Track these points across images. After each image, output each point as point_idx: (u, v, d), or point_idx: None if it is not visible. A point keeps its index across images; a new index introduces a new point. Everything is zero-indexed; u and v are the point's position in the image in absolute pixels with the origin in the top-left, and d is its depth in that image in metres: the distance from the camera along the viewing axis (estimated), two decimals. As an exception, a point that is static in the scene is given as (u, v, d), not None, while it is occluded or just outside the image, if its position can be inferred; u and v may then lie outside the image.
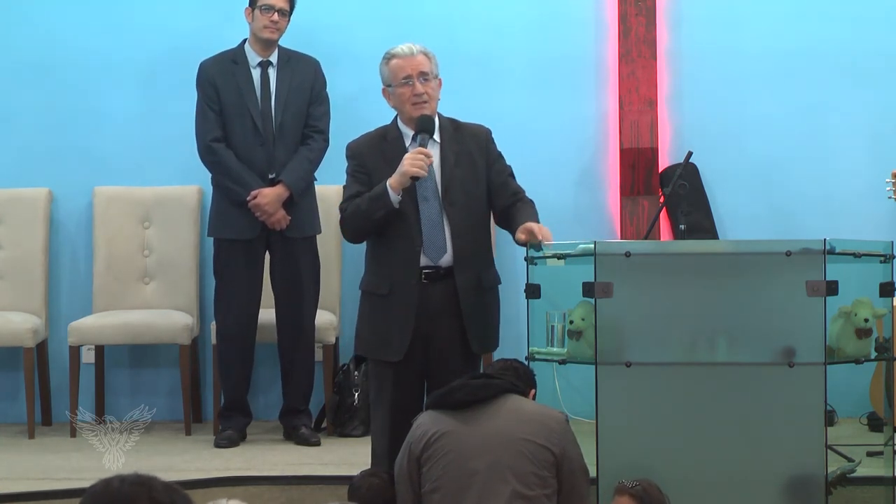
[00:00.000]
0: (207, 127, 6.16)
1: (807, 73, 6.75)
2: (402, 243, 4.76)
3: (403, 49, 4.84)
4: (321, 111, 6.24)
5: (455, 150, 4.84)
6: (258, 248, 6.18)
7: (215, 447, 6.08)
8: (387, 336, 4.78)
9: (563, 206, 6.66)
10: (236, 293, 6.16)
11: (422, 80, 4.80)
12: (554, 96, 6.77)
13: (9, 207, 6.68)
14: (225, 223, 6.18)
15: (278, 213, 6.10)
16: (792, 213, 6.72)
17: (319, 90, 6.26)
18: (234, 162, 6.13)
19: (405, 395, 4.78)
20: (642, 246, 5.33)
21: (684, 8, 6.77)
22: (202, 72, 6.22)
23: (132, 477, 2.48)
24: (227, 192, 6.15)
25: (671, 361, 4.68)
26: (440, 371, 4.75)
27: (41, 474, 5.64)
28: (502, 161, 4.96)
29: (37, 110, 6.79)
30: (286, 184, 6.09)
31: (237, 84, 6.17)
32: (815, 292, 4.62)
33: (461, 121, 4.96)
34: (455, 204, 4.79)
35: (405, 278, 4.75)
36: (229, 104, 6.16)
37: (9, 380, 6.74)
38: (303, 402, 6.27)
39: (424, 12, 6.76)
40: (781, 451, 4.64)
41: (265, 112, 6.16)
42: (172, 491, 2.48)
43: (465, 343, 4.79)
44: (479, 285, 4.85)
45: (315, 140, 6.17)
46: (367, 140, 4.90)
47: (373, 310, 4.84)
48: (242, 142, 6.15)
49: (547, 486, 4.13)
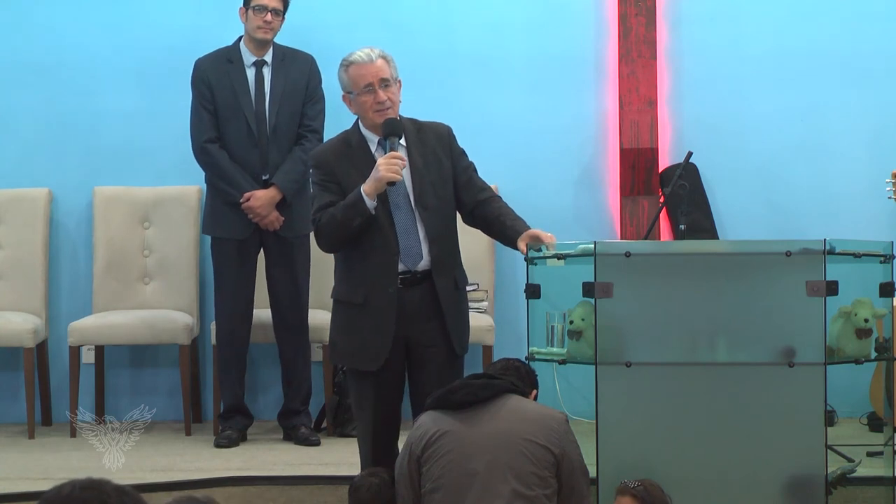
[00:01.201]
0: (202, 128, 6.17)
1: (807, 73, 6.75)
2: (377, 252, 4.65)
3: (362, 56, 4.71)
4: (316, 110, 6.24)
5: (421, 152, 4.74)
6: (251, 247, 6.19)
7: (215, 447, 6.08)
8: (364, 345, 4.68)
9: (563, 206, 6.67)
10: (231, 292, 6.17)
11: (383, 86, 4.69)
12: (554, 96, 6.77)
13: (9, 207, 6.68)
14: (218, 222, 6.20)
15: (271, 215, 6.11)
16: (792, 213, 6.72)
17: (314, 88, 6.26)
18: (227, 163, 6.13)
19: (386, 401, 4.72)
20: (642, 246, 5.33)
21: (684, 8, 6.77)
22: (197, 70, 6.23)
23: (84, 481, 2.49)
24: (220, 192, 6.16)
25: (671, 361, 4.68)
26: (420, 373, 4.70)
27: (41, 474, 5.63)
28: (465, 158, 4.85)
29: (37, 110, 6.79)
30: (279, 186, 6.10)
31: (232, 84, 6.17)
32: (815, 292, 4.62)
33: (421, 120, 4.84)
34: (428, 207, 4.69)
35: (382, 287, 4.65)
36: (224, 104, 6.16)
37: (9, 380, 6.74)
38: (302, 402, 6.28)
39: (424, 12, 6.76)
40: (781, 451, 4.64)
41: (259, 113, 6.15)
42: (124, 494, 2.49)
43: (448, 344, 4.73)
44: (456, 286, 4.79)
45: (309, 140, 6.17)
46: (331, 147, 4.79)
47: (348, 319, 4.74)
48: (236, 142, 6.16)
49: (547, 486, 4.13)
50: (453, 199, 4.79)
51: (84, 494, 2.47)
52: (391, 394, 4.74)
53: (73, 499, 2.46)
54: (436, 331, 4.71)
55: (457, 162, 4.81)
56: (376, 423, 4.70)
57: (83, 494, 2.47)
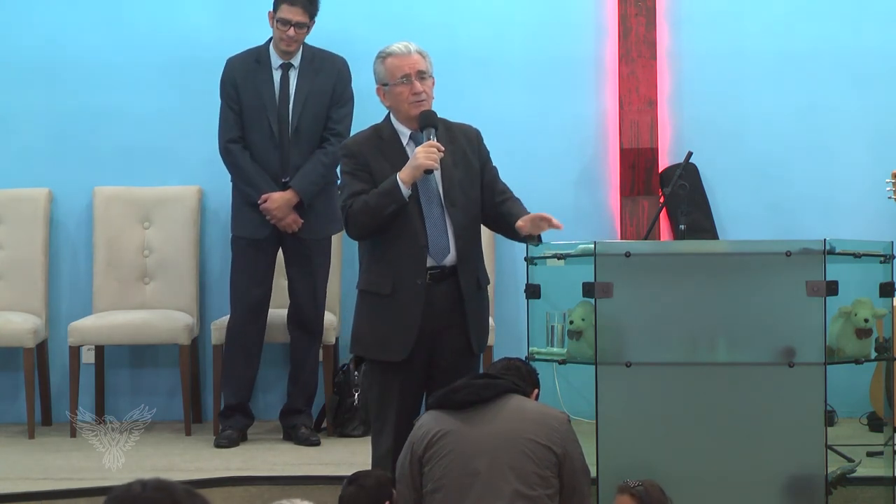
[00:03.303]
0: (226, 127, 6.18)
1: (807, 73, 6.75)
2: (407, 243, 4.70)
3: (400, 47, 4.79)
4: (343, 113, 6.21)
5: (451, 150, 4.81)
6: (269, 248, 6.19)
7: (215, 447, 6.08)
8: (389, 336, 4.73)
9: (563, 206, 6.63)
10: (247, 290, 6.17)
11: (420, 78, 4.77)
12: (554, 96, 6.77)
13: (9, 207, 6.68)
14: (240, 221, 6.23)
15: (288, 218, 6.11)
16: (792, 213, 6.72)
17: (342, 91, 6.23)
18: (247, 163, 6.14)
19: (409, 396, 4.76)
20: (642, 246, 5.33)
21: (684, 8, 6.77)
22: (226, 70, 6.22)
23: (154, 482, 2.47)
24: (241, 192, 6.19)
25: (671, 361, 4.68)
26: (442, 371, 4.73)
27: (41, 474, 5.64)
28: (491, 161, 4.94)
29: (37, 110, 6.79)
30: (296, 189, 6.10)
31: (256, 85, 6.16)
32: (815, 292, 4.62)
33: (450, 120, 4.91)
34: (456, 204, 4.76)
35: (411, 279, 4.70)
36: (248, 105, 6.16)
37: (9, 380, 6.74)
38: (305, 403, 6.28)
39: (424, 12, 6.75)
40: (781, 451, 4.64)
41: (282, 115, 6.14)
42: (194, 496, 2.47)
43: (467, 342, 4.77)
44: (478, 285, 4.83)
45: (332, 144, 6.12)
46: (364, 139, 4.85)
47: (373, 310, 4.79)
48: (259, 144, 6.16)
49: (549, 486, 4.13)
50: (479, 200, 4.83)
51: (156, 495, 2.44)
52: (415, 388, 4.76)
53: (144, 498, 2.44)
54: (457, 328, 4.74)
55: (484, 164, 4.87)
56: (399, 416, 4.71)
57: (155, 495, 2.44)
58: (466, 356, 4.77)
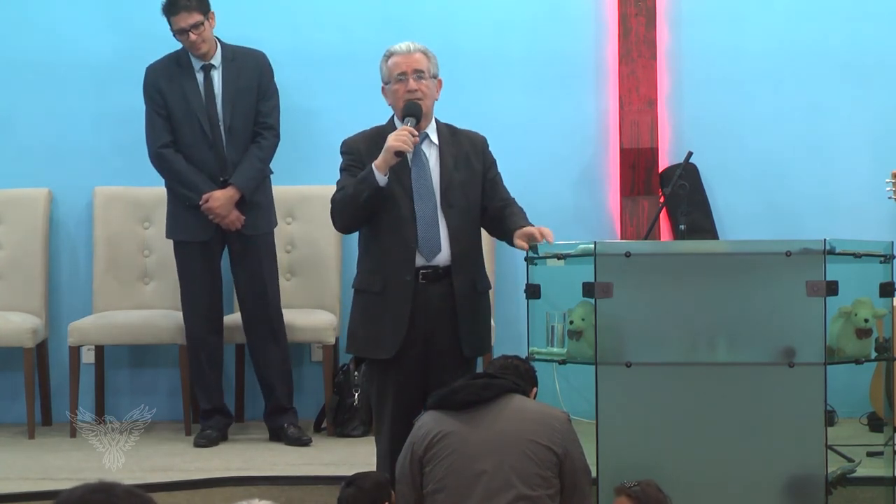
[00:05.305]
0: (155, 133, 6.16)
1: (807, 73, 6.75)
2: (397, 240, 4.74)
3: (402, 47, 4.85)
4: (270, 106, 6.22)
5: (453, 153, 4.85)
6: (214, 248, 6.18)
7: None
8: (379, 333, 4.76)
9: (563, 206, 6.66)
10: (199, 295, 6.16)
11: (416, 77, 4.80)
12: (554, 96, 6.77)
13: (9, 207, 6.68)
14: (179, 225, 6.19)
15: (231, 215, 6.10)
16: (792, 212, 6.72)
17: (267, 84, 6.23)
18: (183, 166, 6.13)
19: (406, 395, 4.77)
20: (642, 246, 5.33)
21: (684, 8, 6.77)
22: (147, 77, 6.21)
23: (95, 484, 2.50)
24: (179, 196, 6.15)
25: (671, 361, 4.68)
26: (437, 372, 4.74)
27: (41, 474, 5.64)
28: (495, 167, 4.98)
29: (37, 110, 6.79)
30: (236, 186, 6.10)
31: (181, 88, 6.15)
32: (815, 292, 4.62)
33: (458, 127, 4.96)
34: (453, 205, 4.78)
35: (400, 275, 4.73)
36: (176, 108, 6.14)
37: (9, 380, 6.74)
38: (287, 400, 6.24)
39: (424, 12, 6.75)
40: (781, 451, 4.64)
41: (212, 115, 6.13)
42: (134, 496, 2.49)
43: (457, 345, 4.78)
44: (474, 289, 4.85)
45: (265, 137, 6.17)
46: (363, 137, 4.91)
47: (366, 308, 4.82)
48: (192, 146, 6.14)
49: (550, 486, 4.13)
50: (479, 204, 4.88)
51: (95, 497, 2.47)
52: (411, 387, 4.76)
53: (84, 501, 2.46)
54: (449, 330, 4.75)
55: (487, 169, 4.90)
56: (396, 414, 4.72)
57: (94, 497, 2.47)
58: (457, 359, 4.77)
